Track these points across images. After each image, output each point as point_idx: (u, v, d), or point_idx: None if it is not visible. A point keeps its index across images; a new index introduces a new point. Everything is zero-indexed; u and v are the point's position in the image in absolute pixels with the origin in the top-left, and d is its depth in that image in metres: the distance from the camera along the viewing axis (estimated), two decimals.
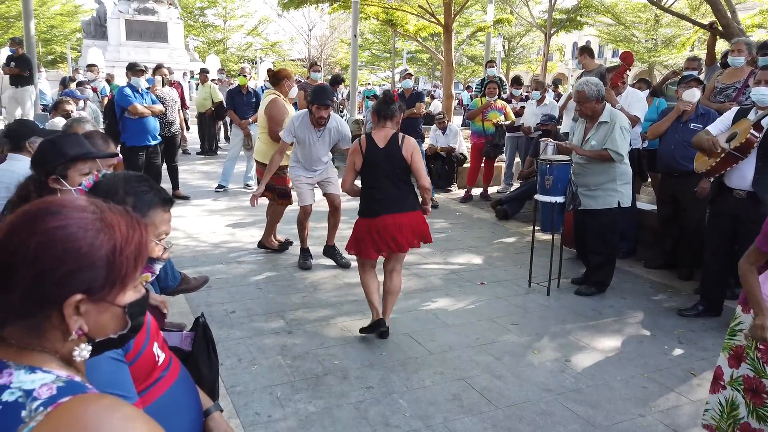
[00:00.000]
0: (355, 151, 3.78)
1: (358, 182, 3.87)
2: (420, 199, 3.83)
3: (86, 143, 2.37)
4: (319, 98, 4.51)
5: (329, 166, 5.13)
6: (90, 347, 0.96)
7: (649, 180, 6.88)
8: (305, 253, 5.21)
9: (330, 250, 5.22)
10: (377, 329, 3.76)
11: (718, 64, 6.37)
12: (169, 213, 1.59)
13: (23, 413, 0.82)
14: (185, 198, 7.73)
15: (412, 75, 8.08)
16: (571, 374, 3.40)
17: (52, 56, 34.27)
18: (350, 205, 4.25)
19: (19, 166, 3.00)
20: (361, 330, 3.82)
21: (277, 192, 5.36)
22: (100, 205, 0.96)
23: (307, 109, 4.74)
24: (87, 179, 2.54)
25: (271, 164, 4.94)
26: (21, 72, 9.45)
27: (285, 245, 5.64)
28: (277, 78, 5.69)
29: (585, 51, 6.89)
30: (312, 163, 4.95)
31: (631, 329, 4.08)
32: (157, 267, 1.57)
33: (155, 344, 1.48)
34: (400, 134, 3.73)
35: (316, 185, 5.16)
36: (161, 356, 1.49)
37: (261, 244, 5.64)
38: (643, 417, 3.00)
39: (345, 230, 4.15)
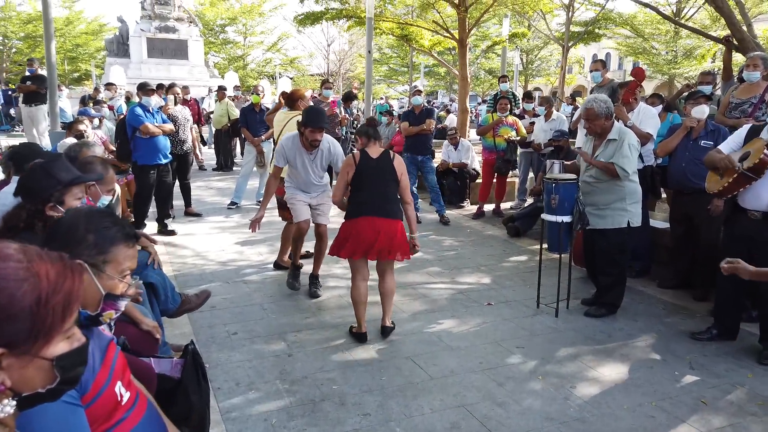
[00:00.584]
0: (348, 163, 4.02)
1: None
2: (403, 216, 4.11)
3: (72, 167, 2.37)
4: (314, 121, 4.47)
5: (326, 191, 5.00)
6: (14, 403, 0.92)
7: (664, 196, 6.72)
8: (296, 271, 5.07)
9: (311, 279, 5.03)
10: (362, 340, 4.01)
11: (735, 79, 6.22)
12: (134, 248, 1.55)
13: None
14: (197, 215, 7.79)
15: (421, 92, 8.07)
16: (576, 402, 3.29)
17: (77, 74, 35.36)
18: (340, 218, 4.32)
19: None
20: (350, 329, 4.14)
21: None
22: (30, 254, 0.93)
23: (296, 132, 4.66)
24: (80, 203, 2.56)
25: (268, 189, 4.92)
26: (38, 89, 9.63)
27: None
28: (292, 100, 5.72)
29: (601, 64, 6.85)
30: (306, 186, 4.88)
31: (640, 353, 3.95)
32: (122, 304, 1.54)
33: (119, 383, 1.44)
34: (391, 152, 4.06)
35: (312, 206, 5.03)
36: (125, 395, 1.46)
37: (277, 265, 5.65)
38: None
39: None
